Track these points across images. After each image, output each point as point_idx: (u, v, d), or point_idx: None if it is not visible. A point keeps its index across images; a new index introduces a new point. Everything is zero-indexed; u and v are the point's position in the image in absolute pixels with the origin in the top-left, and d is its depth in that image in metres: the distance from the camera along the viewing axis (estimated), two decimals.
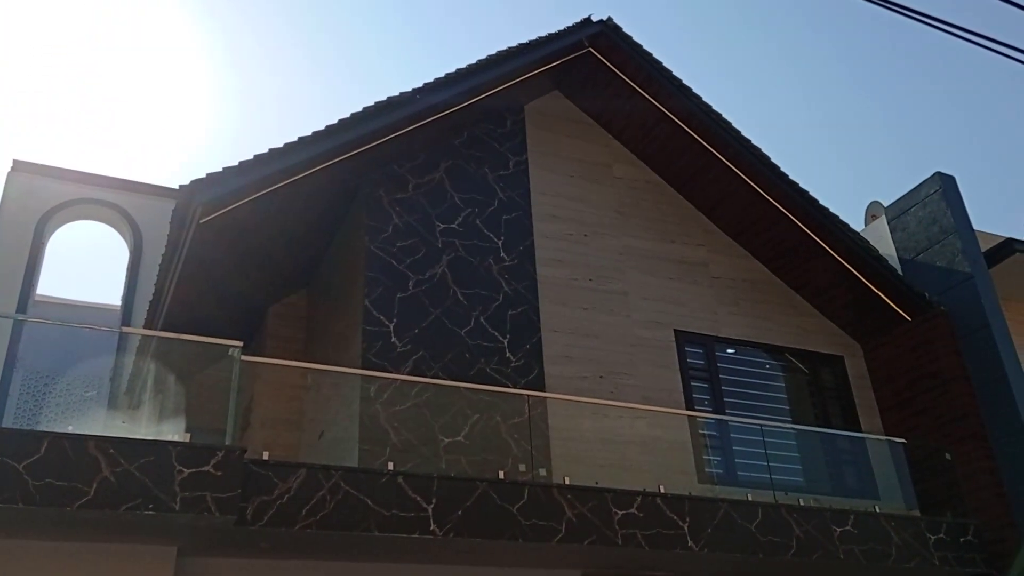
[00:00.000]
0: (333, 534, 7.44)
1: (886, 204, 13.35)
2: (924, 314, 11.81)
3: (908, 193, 12.85)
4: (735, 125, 11.81)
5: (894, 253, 12.78)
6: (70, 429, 6.47)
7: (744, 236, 12.65)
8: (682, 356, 11.38)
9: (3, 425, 10.89)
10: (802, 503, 9.53)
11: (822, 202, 11.93)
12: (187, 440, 6.96)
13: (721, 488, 10.22)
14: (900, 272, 12.30)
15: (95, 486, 6.35)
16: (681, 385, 11.18)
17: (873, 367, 12.45)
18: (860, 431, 11.87)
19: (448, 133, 11.06)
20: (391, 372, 9.45)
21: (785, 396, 12.26)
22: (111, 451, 6.52)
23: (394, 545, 7.88)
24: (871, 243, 12.45)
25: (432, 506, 7.78)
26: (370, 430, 9.01)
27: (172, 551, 7.36)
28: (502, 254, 10.77)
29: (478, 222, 10.82)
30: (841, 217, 12.05)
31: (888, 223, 13.09)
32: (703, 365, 11.54)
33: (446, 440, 9.36)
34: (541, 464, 9.57)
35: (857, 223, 13.63)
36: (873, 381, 12.39)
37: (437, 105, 10.32)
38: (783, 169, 11.89)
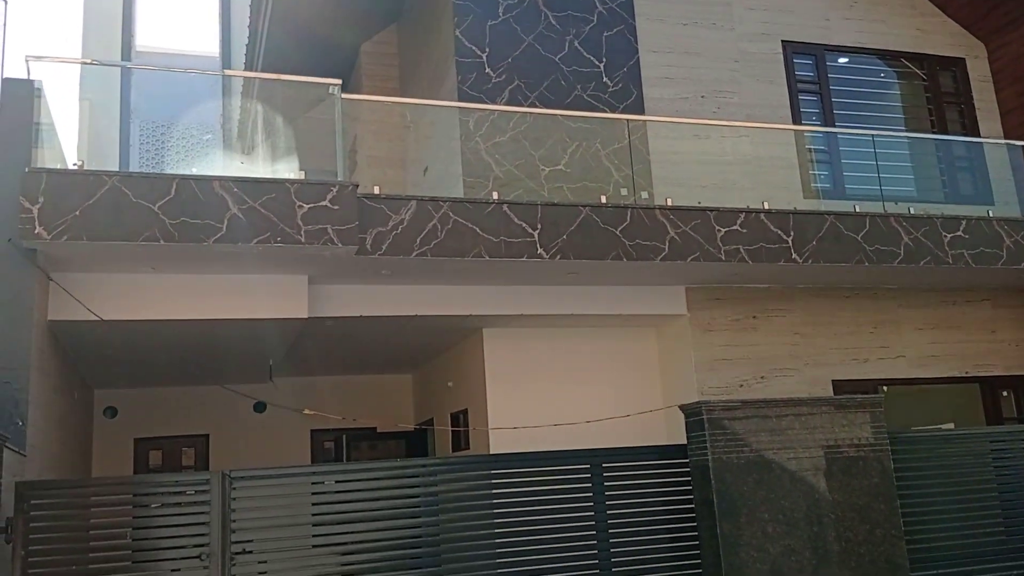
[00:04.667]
0: (446, 260, 7.86)
1: None
2: None
3: None
4: None
5: None
6: (194, 171, 6.83)
7: None
8: (790, 69, 10.85)
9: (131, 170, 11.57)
10: (912, 212, 9.40)
11: None
12: (302, 178, 7.27)
13: (828, 202, 10.14)
14: None
15: (226, 222, 6.80)
16: (788, 100, 10.78)
17: (997, 68, 11.66)
18: (979, 136, 11.35)
19: None
20: (487, 104, 9.42)
21: (899, 105, 11.69)
22: (235, 190, 6.89)
23: (504, 269, 8.28)
24: None
25: (538, 231, 8.04)
26: (472, 164, 9.18)
27: (303, 279, 7.97)
28: None
29: None
30: None
31: None
32: (812, 77, 11.00)
33: (547, 170, 9.47)
34: (643, 188, 9.65)
35: None
36: (996, 83, 11.65)
37: None
38: None
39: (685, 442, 7.08)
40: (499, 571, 6.50)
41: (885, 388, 9.92)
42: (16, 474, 5.84)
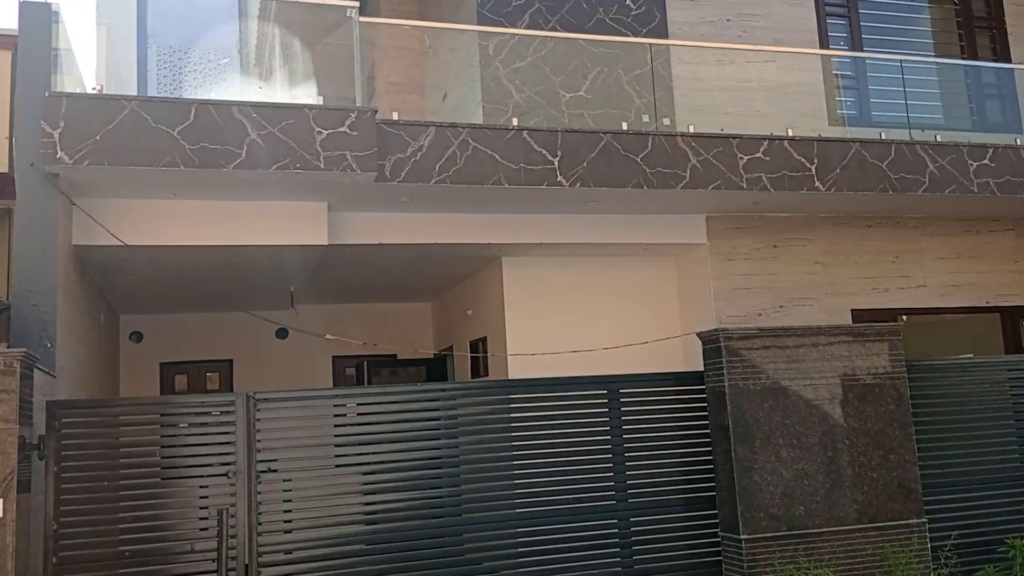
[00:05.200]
0: (465, 188, 7.85)
1: None
2: None
3: None
4: None
5: None
6: (213, 96, 6.81)
7: None
8: None
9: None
10: (939, 139, 9.24)
11: None
12: (321, 103, 7.24)
13: (853, 130, 9.99)
14: None
15: (245, 148, 6.81)
16: (816, 24, 10.52)
17: None
18: (1010, 63, 11.06)
19: None
20: (507, 28, 9.28)
21: (929, 30, 11.39)
22: (254, 115, 6.88)
23: (524, 196, 8.27)
24: None
25: (558, 159, 8.01)
26: (491, 91, 9.09)
27: (323, 206, 8.00)
28: None
29: None
30: None
31: None
32: (841, 0, 10.71)
33: (567, 96, 9.36)
34: (664, 115, 9.54)
35: None
36: None
37: None
38: None
39: (702, 370, 7.14)
40: (517, 491, 6.67)
41: (904, 318, 9.91)
42: (47, 394, 6.01)
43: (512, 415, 6.85)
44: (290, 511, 6.20)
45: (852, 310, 9.78)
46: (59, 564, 5.67)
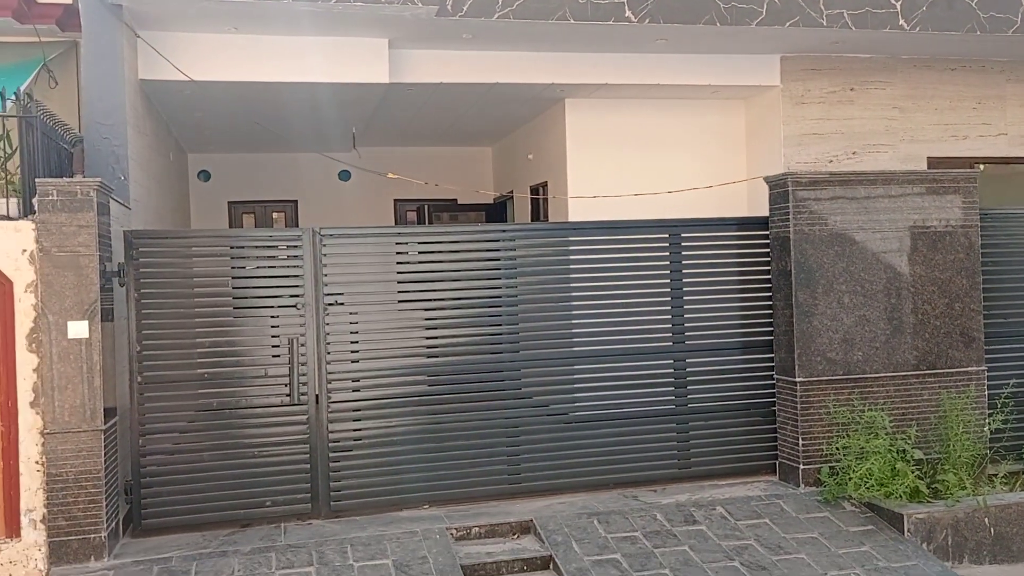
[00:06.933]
0: (529, 23, 7.60)
1: None
2: None
3: None
4: None
5: None
6: None
7: None
8: None
9: None
10: None
11: None
12: None
13: None
14: None
15: None
16: None
17: None
18: None
19: None
20: None
21: None
22: None
23: (590, 33, 7.98)
24: None
25: None
26: None
27: (384, 43, 7.85)
28: None
29: None
30: None
31: None
32: None
33: None
34: None
35: None
36: None
37: None
38: None
39: (766, 216, 7.03)
40: (575, 331, 6.80)
41: (982, 166, 9.52)
42: (123, 225, 6.23)
43: (571, 257, 6.89)
44: (356, 342, 6.44)
45: (928, 158, 9.43)
46: (143, 383, 6.05)
